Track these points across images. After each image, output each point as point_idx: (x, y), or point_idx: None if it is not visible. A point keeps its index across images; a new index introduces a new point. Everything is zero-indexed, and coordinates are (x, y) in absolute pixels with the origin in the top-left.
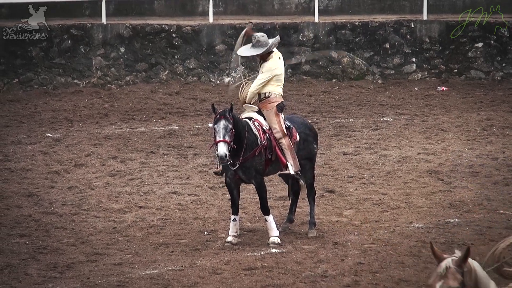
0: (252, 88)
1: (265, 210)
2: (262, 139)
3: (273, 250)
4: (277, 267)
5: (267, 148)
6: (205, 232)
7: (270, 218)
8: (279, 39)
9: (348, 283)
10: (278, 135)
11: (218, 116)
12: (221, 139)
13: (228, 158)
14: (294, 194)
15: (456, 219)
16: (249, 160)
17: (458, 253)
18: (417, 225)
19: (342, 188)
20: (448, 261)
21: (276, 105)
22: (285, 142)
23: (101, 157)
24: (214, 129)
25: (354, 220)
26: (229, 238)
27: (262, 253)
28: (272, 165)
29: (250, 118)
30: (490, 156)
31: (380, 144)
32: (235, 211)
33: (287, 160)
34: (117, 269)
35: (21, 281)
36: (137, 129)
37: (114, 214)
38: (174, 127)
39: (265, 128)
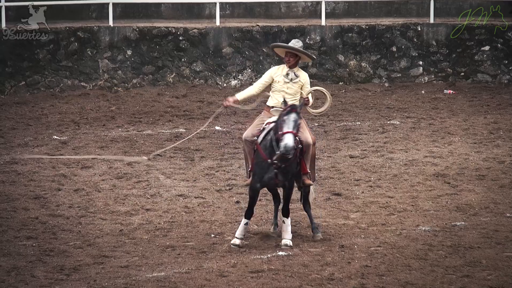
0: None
1: (287, 213)
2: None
3: (280, 253)
4: (283, 270)
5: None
6: (212, 235)
7: (288, 221)
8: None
9: (354, 286)
10: (307, 142)
11: (289, 109)
12: (291, 130)
13: (292, 151)
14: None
15: (463, 222)
16: (292, 162)
17: None
18: (423, 228)
19: (349, 191)
20: None
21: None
22: (311, 151)
23: (108, 160)
24: (283, 121)
25: (360, 223)
26: (237, 241)
27: (269, 256)
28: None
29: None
30: (497, 159)
31: (387, 147)
32: (249, 215)
33: (307, 169)
34: (123, 272)
35: (28, 284)
36: (144, 132)
37: (121, 216)
38: (181, 129)
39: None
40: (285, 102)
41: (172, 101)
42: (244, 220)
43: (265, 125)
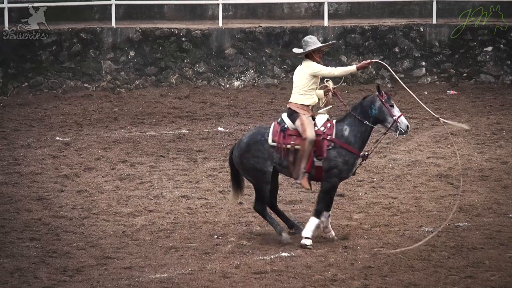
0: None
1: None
2: None
3: (283, 254)
4: (286, 271)
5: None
6: (215, 236)
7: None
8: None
9: (358, 287)
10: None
11: (386, 96)
12: (400, 113)
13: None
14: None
15: (466, 223)
16: None
17: None
18: (426, 229)
19: (352, 192)
20: None
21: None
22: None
23: (111, 161)
24: (389, 106)
25: (363, 224)
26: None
27: (272, 257)
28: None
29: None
30: (500, 160)
31: (390, 148)
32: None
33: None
34: (126, 273)
35: (31, 285)
36: (147, 133)
37: (124, 217)
38: (184, 131)
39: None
40: (378, 88)
41: (175, 102)
42: (318, 220)
43: (322, 125)
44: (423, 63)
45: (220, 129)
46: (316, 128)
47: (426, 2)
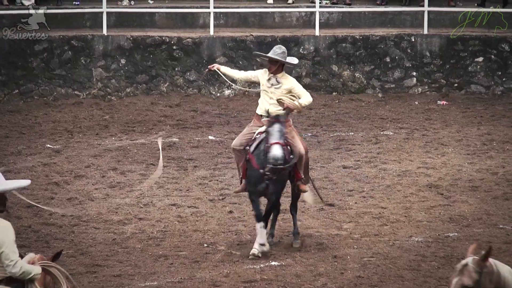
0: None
1: (266, 222)
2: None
3: (273, 263)
4: (276, 280)
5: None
6: (205, 245)
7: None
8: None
9: None
10: (300, 153)
11: (273, 120)
12: (277, 141)
13: (281, 161)
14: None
15: (456, 233)
16: (283, 174)
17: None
18: (416, 239)
19: (342, 201)
20: (469, 259)
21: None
22: (304, 159)
23: (101, 169)
24: (268, 133)
25: (353, 234)
26: (263, 248)
27: (262, 266)
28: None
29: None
30: (490, 171)
31: (380, 158)
32: (260, 217)
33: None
34: (116, 281)
35: None
36: (137, 141)
37: (114, 225)
38: (174, 139)
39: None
40: (268, 113)
41: (165, 110)
42: (258, 225)
43: (256, 135)
44: (414, 73)
45: (210, 137)
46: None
47: (417, 12)
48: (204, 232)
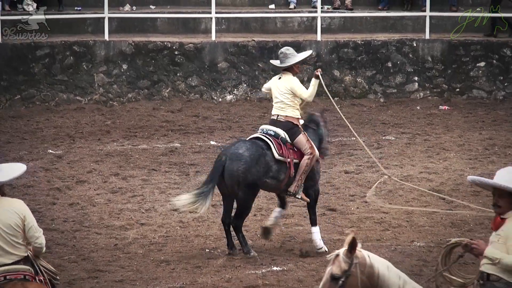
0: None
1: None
2: None
3: (275, 268)
4: (278, 285)
5: None
6: (207, 250)
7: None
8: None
9: None
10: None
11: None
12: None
13: None
14: None
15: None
16: None
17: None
18: (418, 244)
19: (344, 206)
20: (341, 250)
21: None
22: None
23: (103, 174)
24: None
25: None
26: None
27: (264, 271)
28: None
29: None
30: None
31: (382, 163)
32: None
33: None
34: (118, 286)
35: None
36: (139, 146)
37: (116, 231)
38: (176, 144)
39: None
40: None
41: (167, 115)
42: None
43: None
44: (416, 78)
45: (212, 142)
46: None
47: (419, 17)
48: (206, 238)
